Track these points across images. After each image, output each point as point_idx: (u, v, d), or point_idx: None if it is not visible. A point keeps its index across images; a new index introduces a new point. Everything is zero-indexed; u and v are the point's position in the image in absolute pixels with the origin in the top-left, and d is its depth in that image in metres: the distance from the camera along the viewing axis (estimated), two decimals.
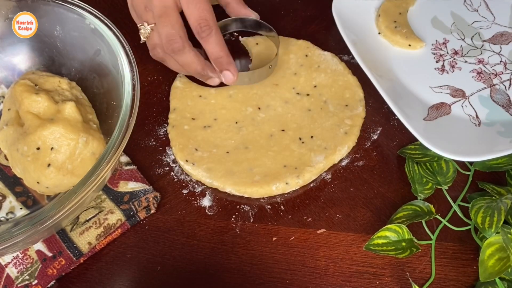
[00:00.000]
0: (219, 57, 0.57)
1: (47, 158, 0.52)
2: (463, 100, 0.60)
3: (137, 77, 0.53)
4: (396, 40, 0.64)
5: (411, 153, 0.57)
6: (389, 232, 0.51)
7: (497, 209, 0.49)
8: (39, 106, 0.53)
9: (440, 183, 0.55)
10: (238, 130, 0.60)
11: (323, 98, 0.62)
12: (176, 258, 0.54)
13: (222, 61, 0.58)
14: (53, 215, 0.46)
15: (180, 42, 0.56)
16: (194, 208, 0.56)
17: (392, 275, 0.52)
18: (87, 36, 0.57)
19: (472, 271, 0.52)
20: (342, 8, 0.64)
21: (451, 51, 0.64)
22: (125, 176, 0.57)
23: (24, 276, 0.52)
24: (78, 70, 0.60)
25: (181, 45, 0.56)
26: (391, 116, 0.61)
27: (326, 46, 0.66)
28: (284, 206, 0.56)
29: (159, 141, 0.61)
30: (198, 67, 0.58)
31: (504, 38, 0.64)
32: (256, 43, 0.66)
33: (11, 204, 0.56)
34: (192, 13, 0.56)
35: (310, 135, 0.59)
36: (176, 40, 0.56)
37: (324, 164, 0.57)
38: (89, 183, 0.47)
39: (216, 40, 0.57)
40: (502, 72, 0.62)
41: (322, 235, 0.54)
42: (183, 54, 0.57)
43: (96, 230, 0.54)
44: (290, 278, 0.52)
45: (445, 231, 0.54)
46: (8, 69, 0.61)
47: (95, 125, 0.55)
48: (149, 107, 0.63)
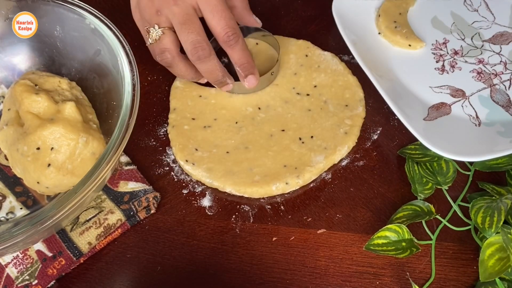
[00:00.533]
0: (245, 63, 0.59)
1: (47, 158, 0.52)
2: (463, 100, 0.60)
3: (137, 77, 0.53)
4: (396, 40, 0.64)
5: (411, 153, 0.57)
6: (389, 232, 0.51)
7: (497, 209, 0.49)
8: (39, 106, 0.53)
9: (440, 183, 0.55)
10: (238, 130, 0.60)
11: (323, 98, 0.62)
12: (176, 258, 0.54)
13: (247, 67, 0.59)
14: (53, 215, 0.46)
15: (207, 49, 0.56)
16: (194, 208, 0.56)
17: (392, 275, 0.52)
18: (87, 36, 0.57)
19: (472, 271, 0.52)
20: (342, 8, 0.64)
21: (451, 51, 0.64)
22: (125, 176, 0.57)
23: (24, 276, 0.52)
24: (78, 70, 0.60)
25: (208, 52, 0.56)
26: (391, 116, 0.61)
27: (326, 46, 0.66)
28: (284, 206, 0.56)
29: (159, 141, 0.61)
30: (219, 74, 0.59)
31: (504, 38, 0.64)
32: (256, 43, 0.66)
33: (11, 204, 0.56)
34: (218, 23, 0.56)
35: (310, 135, 0.59)
36: (203, 47, 0.56)
37: (324, 164, 0.57)
38: (89, 183, 0.47)
39: (243, 47, 0.58)
40: (502, 72, 0.62)
41: (322, 235, 0.54)
42: (209, 61, 0.57)
43: (96, 230, 0.54)
44: (290, 278, 0.52)
45: (445, 231, 0.54)
46: (8, 69, 0.61)
47: (95, 125, 0.55)
48: (149, 107, 0.63)
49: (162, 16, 0.56)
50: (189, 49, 0.56)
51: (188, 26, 0.55)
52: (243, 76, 0.60)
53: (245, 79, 0.60)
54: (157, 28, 0.57)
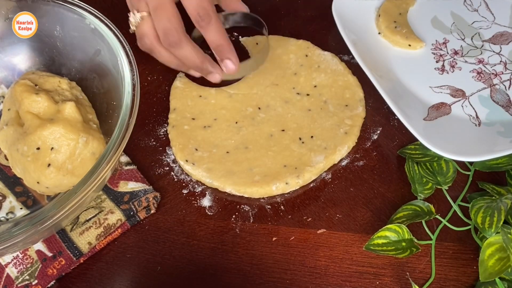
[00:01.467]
0: (220, 45, 0.56)
1: (47, 158, 0.52)
2: (463, 100, 0.60)
3: (137, 77, 0.53)
4: (396, 40, 0.64)
5: (411, 153, 0.57)
6: (389, 232, 0.51)
7: (497, 209, 0.49)
8: (39, 106, 0.53)
9: (440, 183, 0.55)
10: (238, 130, 0.60)
11: (323, 98, 0.62)
12: (176, 258, 0.54)
13: (222, 49, 0.57)
14: (53, 215, 0.46)
15: (176, 35, 0.55)
16: (194, 208, 0.56)
17: (392, 275, 0.52)
18: (87, 36, 0.57)
19: (472, 271, 0.52)
20: (342, 8, 0.64)
21: (451, 51, 0.64)
22: (125, 176, 0.57)
23: (24, 276, 0.52)
24: (78, 70, 0.60)
25: (177, 38, 0.55)
26: (391, 116, 0.61)
27: (326, 46, 0.66)
28: (284, 206, 0.56)
29: (159, 141, 0.61)
30: (196, 61, 0.57)
31: (504, 38, 0.64)
32: (256, 43, 0.66)
33: (11, 204, 0.56)
34: (190, 3, 0.54)
35: (310, 135, 0.59)
36: (172, 33, 0.55)
37: (324, 164, 0.57)
38: (89, 183, 0.47)
39: (216, 28, 0.56)
40: (502, 72, 0.62)
41: (322, 235, 0.54)
42: (181, 48, 0.56)
43: (96, 230, 0.54)
44: (290, 278, 0.52)
45: (445, 231, 0.54)
46: (8, 69, 0.61)
47: (95, 125, 0.55)
48: (149, 107, 0.63)
49: (142, 1, 0.56)
50: (161, 36, 0.55)
51: (160, 12, 0.54)
52: (220, 61, 0.57)
53: (222, 63, 0.57)
54: (137, 13, 0.56)
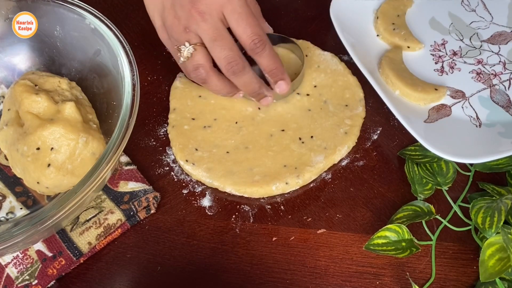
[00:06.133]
0: (274, 69, 0.58)
1: (47, 158, 0.52)
2: (463, 101, 0.60)
3: (137, 77, 0.53)
4: (394, 42, 0.64)
5: (411, 154, 0.57)
6: (389, 232, 0.51)
7: (497, 209, 0.49)
8: (39, 106, 0.53)
9: (440, 183, 0.55)
10: (238, 130, 0.60)
11: (323, 98, 0.62)
12: (176, 258, 0.54)
13: (276, 72, 0.58)
14: (53, 215, 0.46)
15: (241, 63, 0.55)
16: (194, 208, 0.56)
17: (392, 275, 0.52)
18: (87, 36, 0.57)
19: (472, 271, 0.52)
20: (340, 10, 0.64)
21: (450, 52, 0.64)
22: (125, 176, 0.57)
23: (24, 276, 0.52)
24: (78, 70, 0.60)
25: (241, 66, 0.56)
26: (391, 116, 0.61)
27: (326, 46, 0.66)
28: (284, 206, 0.56)
29: (159, 141, 0.61)
30: (256, 86, 0.58)
31: (503, 38, 0.64)
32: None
33: (11, 204, 0.56)
34: (244, 31, 0.55)
35: (310, 135, 0.59)
36: (237, 61, 0.55)
37: (324, 164, 0.57)
38: (89, 183, 0.47)
39: (270, 53, 0.57)
40: (502, 72, 0.62)
41: (322, 235, 0.54)
42: (244, 74, 0.56)
43: (96, 230, 0.54)
44: (290, 278, 0.52)
45: (445, 231, 0.54)
46: (8, 69, 0.61)
47: (95, 125, 0.55)
48: (149, 107, 0.63)
49: (191, 32, 0.55)
50: (224, 65, 0.56)
51: (220, 43, 0.55)
52: (273, 83, 0.59)
53: (275, 85, 0.58)
54: (188, 45, 0.56)
